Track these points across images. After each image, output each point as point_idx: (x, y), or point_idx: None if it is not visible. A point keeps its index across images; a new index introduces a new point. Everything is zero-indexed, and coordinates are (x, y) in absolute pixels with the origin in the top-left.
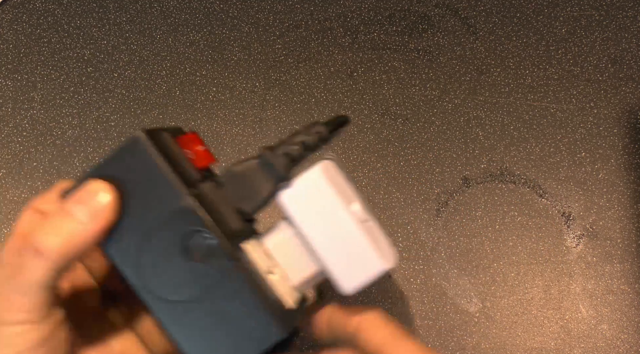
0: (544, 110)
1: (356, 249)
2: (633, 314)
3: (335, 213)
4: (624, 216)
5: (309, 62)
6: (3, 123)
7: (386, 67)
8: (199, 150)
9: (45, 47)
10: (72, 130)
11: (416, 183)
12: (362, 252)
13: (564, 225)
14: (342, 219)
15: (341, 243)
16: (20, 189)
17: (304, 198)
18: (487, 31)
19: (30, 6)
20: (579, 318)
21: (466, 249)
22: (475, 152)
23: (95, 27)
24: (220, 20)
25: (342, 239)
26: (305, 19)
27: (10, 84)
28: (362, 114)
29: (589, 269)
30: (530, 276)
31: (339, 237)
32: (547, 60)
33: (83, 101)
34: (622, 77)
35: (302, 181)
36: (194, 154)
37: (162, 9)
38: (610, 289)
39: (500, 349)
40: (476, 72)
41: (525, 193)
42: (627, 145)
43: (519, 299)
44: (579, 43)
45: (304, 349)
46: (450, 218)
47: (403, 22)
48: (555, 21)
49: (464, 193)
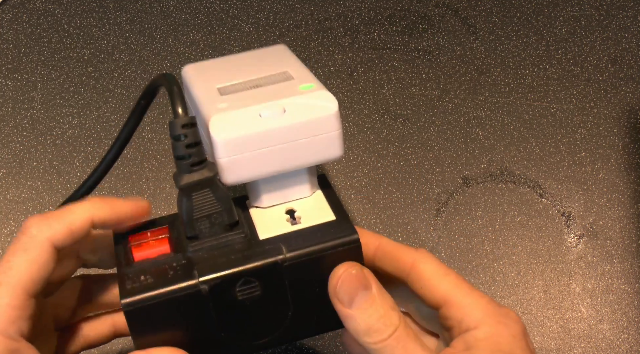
0: (544, 110)
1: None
2: (633, 314)
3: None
4: (624, 216)
5: (309, 62)
6: (3, 123)
7: (386, 67)
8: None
9: (45, 47)
10: (72, 130)
11: (416, 183)
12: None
13: (564, 225)
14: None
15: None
16: (20, 189)
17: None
18: (487, 31)
19: (30, 6)
20: (579, 317)
21: (466, 249)
22: (475, 152)
23: (95, 27)
24: (220, 20)
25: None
26: (305, 19)
27: (10, 84)
28: (362, 114)
29: (589, 269)
30: (530, 276)
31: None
32: (547, 60)
33: (83, 101)
34: (622, 77)
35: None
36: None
37: (162, 9)
38: (610, 289)
39: None
40: (476, 72)
41: (525, 193)
42: (627, 145)
43: (519, 299)
44: (579, 43)
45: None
46: (450, 218)
47: (403, 22)
48: (555, 21)
49: (464, 193)
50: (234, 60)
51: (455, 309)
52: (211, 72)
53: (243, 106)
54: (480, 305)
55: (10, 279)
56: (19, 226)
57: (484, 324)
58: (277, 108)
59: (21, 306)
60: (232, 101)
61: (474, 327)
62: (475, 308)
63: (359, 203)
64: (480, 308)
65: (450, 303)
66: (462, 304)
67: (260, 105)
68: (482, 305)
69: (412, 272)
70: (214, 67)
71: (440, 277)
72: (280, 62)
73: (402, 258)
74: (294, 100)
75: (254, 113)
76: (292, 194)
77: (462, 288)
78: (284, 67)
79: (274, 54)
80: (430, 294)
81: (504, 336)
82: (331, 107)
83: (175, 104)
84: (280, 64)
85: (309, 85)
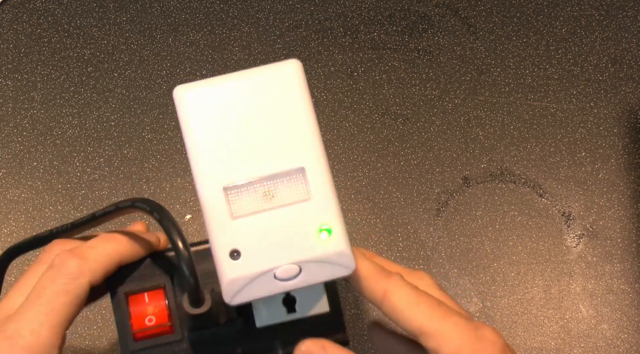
0: (544, 110)
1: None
2: (633, 314)
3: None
4: (624, 216)
5: (309, 62)
6: (3, 123)
7: (386, 67)
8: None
9: (45, 47)
10: (72, 130)
11: (416, 183)
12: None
13: (564, 225)
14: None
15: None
16: (20, 189)
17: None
18: (487, 31)
19: (30, 6)
20: (579, 317)
21: (466, 249)
22: (475, 152)
23: (95, 27)
24: (220, 20)
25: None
26: (305, 19)
27: (10, 84)
28: (362, 114)
29: (589, 269)
30: (530, 276)
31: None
32: (547, 60)
33: (83, 101)
34: (622, 77)
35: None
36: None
37: (162, 9)
38: (610, 289)
39: None
40: (476, 72)
41: (525, 193)
42: (627, 145)
43: (519, 299)
44: (579, 43)
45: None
46: (450, 218)
47: (403, 22)
48: (555, 21)
49: (464, 193)
50: (238, 104)
51: (431, 339)
52: (212, 127)
53: (258, 267)
54: (455, 332)
55: (52, 320)
56: (19, 226)
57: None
58: (293, 270)
59: (60, 346)
60: (244, 238)
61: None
62: (451, 336)
63: (359, 203)
64: (456, 335)
65: (425, 333)
66: (436, 334)
67: (277, 265)
68: (457, 332)
69: (384, 303)
70: (215, 113)
71: (412, 307)
72: (294, 132)
73: (374, 288)
74: (311, 257)
75: (269, 275)
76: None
77: (436, 316)
78: (299, 152)
79: (283, 97)
80: (405, 325)
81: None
82: (348, 267)
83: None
84: (293, 142)
85: (327, 225)
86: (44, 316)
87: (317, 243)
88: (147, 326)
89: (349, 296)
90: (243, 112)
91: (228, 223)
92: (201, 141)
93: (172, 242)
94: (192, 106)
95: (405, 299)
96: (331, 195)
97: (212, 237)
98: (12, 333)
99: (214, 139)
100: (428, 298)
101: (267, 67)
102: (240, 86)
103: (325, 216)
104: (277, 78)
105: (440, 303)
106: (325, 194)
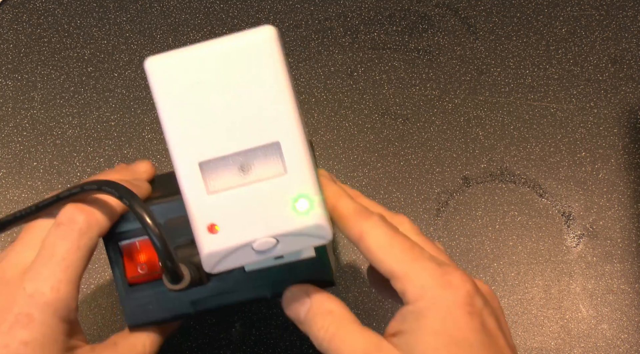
0: (544, 110)
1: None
2: (633, 314)
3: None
4: (624, 216)
5: (309, 62)
6: (3, 123)
7: (386, 67)
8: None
9: (45, 47)
10: (72, 130)
11: (416, 183)
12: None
13: (564, 225)
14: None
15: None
16: (20, 189)
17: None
18: (487, 31)
19: (30, 6)
20: (579, 317)
21: (466, 249)
22: (475, 152)
23: (95, 27)
24: (220, 20)
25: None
26: (305, 19)
27: (10, 84)
28: (362, 114)
29: (589, 269)
30: (530, 276)
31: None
32: (547, 60)
33: (83, 101)
34: (622, 77)
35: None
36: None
37: (162, 9)
38: (610, 289)
39: None
40: (476, 72)
41: (525, 193)
42: (627, 145)
43: (519, 299)
44: (579, 43)
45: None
46: (450, 218)
47: (403, 22)
48: (555, 21)
49: (464, 193)
50: (212, 75)
51: (398, 282)
52: (187, 100)
53: (236, 240)
54: (421, 276)
55: (69, 276)
56: (20, 226)
57: (423, 297)
58: (270, 243)
59: (77, 297)
60: (221, 213)
61: (414, 300)
62: (416, 280)
63: None
64: (422, 278)
65: (395, 275)
66: (403, 277)
67: (254, 238)
68: (423, 276)
69: (360, 243)
70: (189, 86)
71: (385, 249)
72: (269, 101)
73: (352, 227)
74: (287, 231)
75: (247, 247)
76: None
77: (406, 259)
78: (274, 125)
79: (257, 67)
80: (377, 266)
81: (442, 306)
82: (325, 238)
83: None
84: (268, 115)
85: (303, 198)
86: (61, 273)
87: (294, 217)
88: (139, 273)
89: (349, 296)
90: (217, 84)
91: (205, 198)
92: (175, 115)
93: (145, 227)
94: (165, 78)
95: (380, 241)
96: (307, 169)
97: (190, 212)
98: (33, 291)
99: (188, 113)
100: (403, 240)
101: (240, 35)
102: (213, 57)
103: (301, 190)
104: (250, 47)
105: (414, 246)
106: (301, 168)
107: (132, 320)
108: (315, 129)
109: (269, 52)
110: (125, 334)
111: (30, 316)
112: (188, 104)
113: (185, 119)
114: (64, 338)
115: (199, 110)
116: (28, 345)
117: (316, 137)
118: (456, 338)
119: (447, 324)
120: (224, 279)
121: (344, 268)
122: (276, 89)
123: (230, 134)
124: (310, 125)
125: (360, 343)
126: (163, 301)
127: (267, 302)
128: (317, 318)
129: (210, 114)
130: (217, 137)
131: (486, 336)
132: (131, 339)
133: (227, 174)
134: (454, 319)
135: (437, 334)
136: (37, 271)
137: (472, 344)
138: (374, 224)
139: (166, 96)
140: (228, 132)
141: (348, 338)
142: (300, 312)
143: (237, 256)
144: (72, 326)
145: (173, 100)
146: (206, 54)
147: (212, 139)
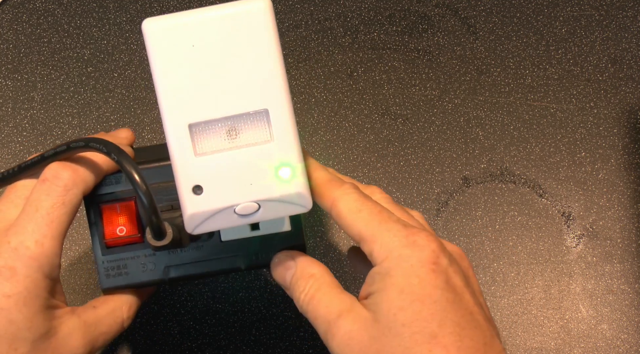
0: (544, 110)
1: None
2: (633, 314)
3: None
4: (624, 216)
5: (309, 62)
6: (3, 123)
7: (386, 67)
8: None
9: (45, 47)
10: (72, 130)
11: (416, 183)
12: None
13: (564, 225)
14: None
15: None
16: None
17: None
18: (487, 31)
19: (30, 6)
20: (579, 317)
21: (466, 249)
22: (475, 152)
23: (95, 27)
24: None
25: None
26: (305, 19)
27: (10, 84)
28: (362, 114)
29: (589, 269)
30: (530, 276)
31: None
32: (547, 60)
33: (83, 101)
34: (622, 77)
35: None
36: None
37: (162, 9)
38: (610, 289)
39: None
40: (476, 72)
41: (525, 193)
42: (627, 145)
43: (519, 299)
44: (579, 43)
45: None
46: (450, 218)
47: (403, 22)
48: (555, 21)
49: (464, 193)
50: (207, 41)
51: (366, 244)
52: (181, 63)
53: (219, 203)
54: (387, 237)
55: (53, 231)
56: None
57: (388, 257)
58: (253, 208)
59: (60, 253)
60: (206, 175)
61: (380, 261)
62: (382, 241)
63: None
64: (387, 240)
65: (363, 238)
66: (370, 239)
67: (237, 202)
68: (389, 237)
69: (332, 210)
70: (184, 49)
71: (354, 213)
72: (260, 73)
73: (325, 194)
74: (270, 197)
75: (229, 210)
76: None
77: (373, 222)
78: (264, 94)
79: (250, 36)
80: (347, 231)
81: (406, 265)
82: (305, 206)
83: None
84: (258, 83)
85: (287, 166)
86: (46, 228)
87: (277, 184)
88: (118, 235)
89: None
90: (211, 49)
91: (192, 160)
92: (169, 76)
93: (132, 183)
94: (161, 40)
95: (350, 206)
96: (292, 138)
97: (176, 172)
98: (17, 245)
99: (181, 76)
100: (372, 205)
101: (237, 4)
102: (209, 22)
103: (285, 158)
104: (245, 15)
105: (382, 210)
106: (287, 137)
107: (106, 283)
108: (315, 129)
109: (263, 21)
110: (104, 298)
111: (13, 269)
112: (182, 66)
113: (178, 81)
114: (46, 295)
115: (192, 73)
116: (10, 298)
117: (316, 137)
118: (420, 295)
119: (411, 281)
120: (200, 247)
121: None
122: (268, 58)
123: (221, 98)
124: (310, 125)
125: (335, 304)
126: (138, 265)
127: (241, 272)
128: (300, 281)
129: (203, 77)
130: (208, 100)
131: (451, 292)
132: (110, 303)
133: (215, 138)
134: (418, 277)
135: (401, 292)
136: (21, 226)
137: (437, 300)
138: (345, 191)
139: (161, 57)
140: (219, 97)
141: (324, 299)
142: (286, 276)
143: (219, 219)
144: (54, 283)
145: (167, 62)
146: (202, 19)
147: (203, 102)
